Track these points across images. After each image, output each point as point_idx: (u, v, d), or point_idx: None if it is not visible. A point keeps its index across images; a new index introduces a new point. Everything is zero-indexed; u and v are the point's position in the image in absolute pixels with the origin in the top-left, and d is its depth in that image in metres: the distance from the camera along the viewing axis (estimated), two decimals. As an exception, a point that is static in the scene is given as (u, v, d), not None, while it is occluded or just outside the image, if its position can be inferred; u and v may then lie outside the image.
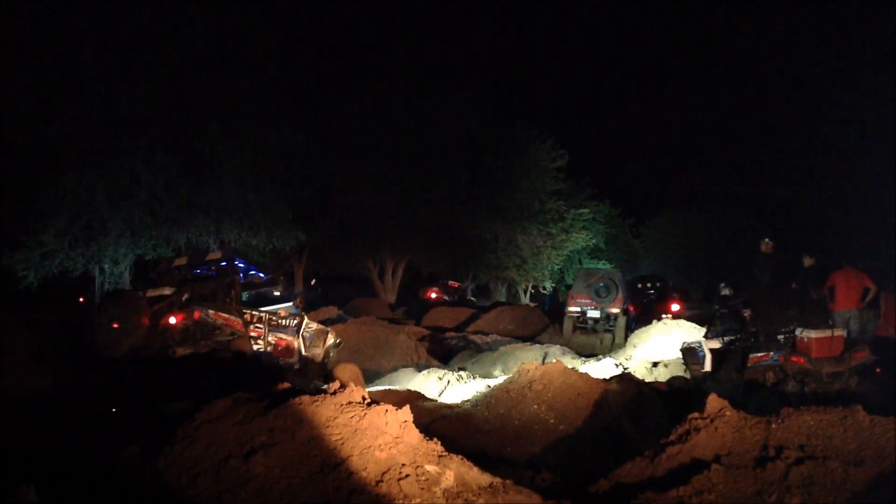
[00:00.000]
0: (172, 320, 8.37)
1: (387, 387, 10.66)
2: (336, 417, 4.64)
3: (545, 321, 20.32)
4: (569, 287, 20.42)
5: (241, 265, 9.81)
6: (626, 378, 8.55)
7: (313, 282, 36.64)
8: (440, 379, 12.09)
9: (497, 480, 4.64)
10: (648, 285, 25.96)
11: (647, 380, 10.89)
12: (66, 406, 7.74)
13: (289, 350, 9.30)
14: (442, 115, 26.03)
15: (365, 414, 4.67)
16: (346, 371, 10.21)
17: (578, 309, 18.95)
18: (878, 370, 10.01)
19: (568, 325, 19.07)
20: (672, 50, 73.55)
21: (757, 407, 6.99)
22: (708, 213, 40.87)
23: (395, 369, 12.77)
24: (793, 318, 10.00)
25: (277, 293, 10.75)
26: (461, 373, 12.87)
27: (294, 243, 22.37)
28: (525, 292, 35.99)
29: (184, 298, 8.59)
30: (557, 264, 32.11)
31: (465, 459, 4.72)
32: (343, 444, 4.43)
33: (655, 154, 66.05)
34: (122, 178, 16.94)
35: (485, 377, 12.60)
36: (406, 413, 4.84)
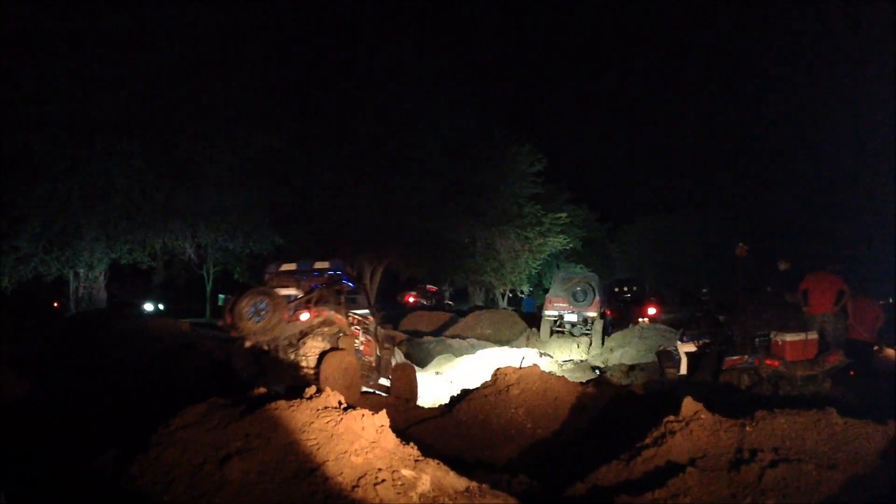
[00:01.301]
0: (305, 317, 9.50)
1: (364, 390, 10.65)
2: (312, 422, 4.63)
3: (522, 325, 20.35)
4: (546, 291, 20.46)
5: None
6: (602, 381, 8.57)
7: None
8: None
9: (473, 484, 4.64)
10: (625, 289, 26.10)
11: (624, 383, 10.95)
12: (41, 412, 7.67)
13: (370, 349, 10.58)
14: (421, 118, 25.99)
15: (341, 419, 4.66)
16: (401, 372, 11.17)
17: (556, 313, 18.99)
18: (851, 373, 10.13)
19: (545, 329, 19.10)
20: (648, 56, 74.05)
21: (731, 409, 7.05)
22: (684, 217, 41.11)
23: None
24: (767, 322, 10.08)
25: (359, 302, 12.14)
26: (438, 377, 12.88)
27: (272, 247, 22.30)
28: (503, 296, 36.05)
29: (314, 300, 9.73)
30: (535, 268, 32.18)
31: (441, 464, 4.72)
32: (319, 449, 4.42)
33: (633, 158, 66.45)
34: (97, 183, 16.83)
35: (462, 381, 12.61)
36: (382, 417, 4.83)
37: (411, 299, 32.13)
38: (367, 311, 11.65)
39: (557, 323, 19.06)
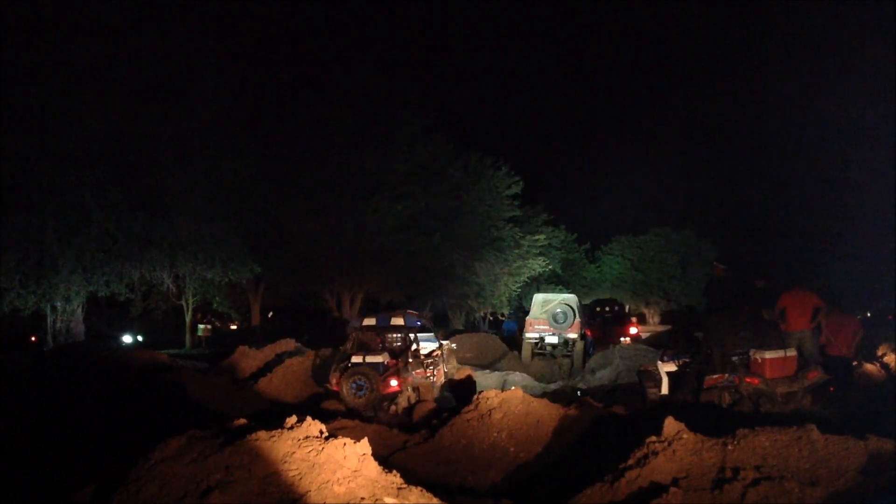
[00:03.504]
0: (394, 383, 11.43)
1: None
2: (293, 452, 4.58)
3: (504, 348, 20.31)
4: (527, 313, 20.46)
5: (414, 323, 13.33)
6: (584, 403, 8.57)
7: (270, 315, 36.31)
8: (400, 409, 12.05)
9: (457, 511, 4.62)
10: (606, 309, 26.19)
11: (606, 404, 10.94)
12: (20, 446, 7.56)
13: (440, 376, 12.58)
14: (396, 143, 26.03)
15: (323, 448, 4.62)
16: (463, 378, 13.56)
17: (536, 335, 18.98)
18: (831, 389, 10.18)
19: (526, 352, 19.09)
20: (620, 79, 74.82)
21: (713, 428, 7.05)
22: (660, 236, 41.36)
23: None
24: (746, 340, 10.11)
25: (427, 333, 14.20)
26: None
27: (250, 276, 22.18)
28: (483, 319, 36.01)
29: (399, 367, 11.65)
30: (515, 291, 32.20)
31: (424, 491, 4.69)
32: (301, 479, 4.38)
33: (610, 178, 66.90)
34: (72, 215, 16.71)
35: (444, 406, 12.58)
36: (364, 446, 4.80)
37: (392, 325, 31.92)
38: (431, 335, 14.22)
39: (538, 345, 19.04)
